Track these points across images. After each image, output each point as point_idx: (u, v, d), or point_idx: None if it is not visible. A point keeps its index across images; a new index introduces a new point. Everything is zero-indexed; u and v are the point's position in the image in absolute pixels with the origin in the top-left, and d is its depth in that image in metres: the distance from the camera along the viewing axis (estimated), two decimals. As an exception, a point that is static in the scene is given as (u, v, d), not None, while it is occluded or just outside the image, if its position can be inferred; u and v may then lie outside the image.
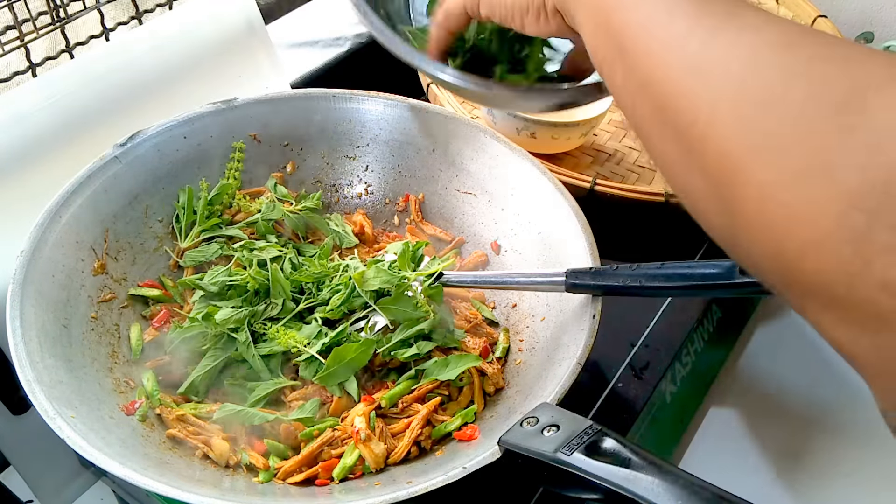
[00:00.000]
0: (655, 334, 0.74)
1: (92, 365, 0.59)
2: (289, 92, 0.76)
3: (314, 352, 0.60)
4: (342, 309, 0.63)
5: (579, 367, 0.54)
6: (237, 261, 0.67)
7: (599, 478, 0.42)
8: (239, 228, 0.71)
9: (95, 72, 0.71)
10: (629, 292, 0.57)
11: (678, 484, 0.40)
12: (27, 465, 0.67)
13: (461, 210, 0.75)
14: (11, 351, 0.53)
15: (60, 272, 0.61)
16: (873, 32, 1.04)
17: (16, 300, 0.55)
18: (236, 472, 0.57)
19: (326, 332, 0.62)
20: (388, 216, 0.78)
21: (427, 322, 0.62)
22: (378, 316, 0.63)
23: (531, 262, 0.69)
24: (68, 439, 0.48)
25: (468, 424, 0.59)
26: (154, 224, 0.70)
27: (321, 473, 0.56)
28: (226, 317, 0.61)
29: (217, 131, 0.72)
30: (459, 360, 0.61)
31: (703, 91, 0.33)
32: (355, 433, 0.56)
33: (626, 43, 0.38)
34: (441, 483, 0.47)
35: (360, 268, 0.65)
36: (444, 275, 0.65)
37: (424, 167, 0.76)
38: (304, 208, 0.74)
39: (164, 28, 0.77)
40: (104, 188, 0.66)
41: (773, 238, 0.30)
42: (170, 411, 0.59)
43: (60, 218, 0.62)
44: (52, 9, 0.72)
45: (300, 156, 0.77)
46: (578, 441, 0.44)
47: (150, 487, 0.47)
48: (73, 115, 0.69)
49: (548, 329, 0.64)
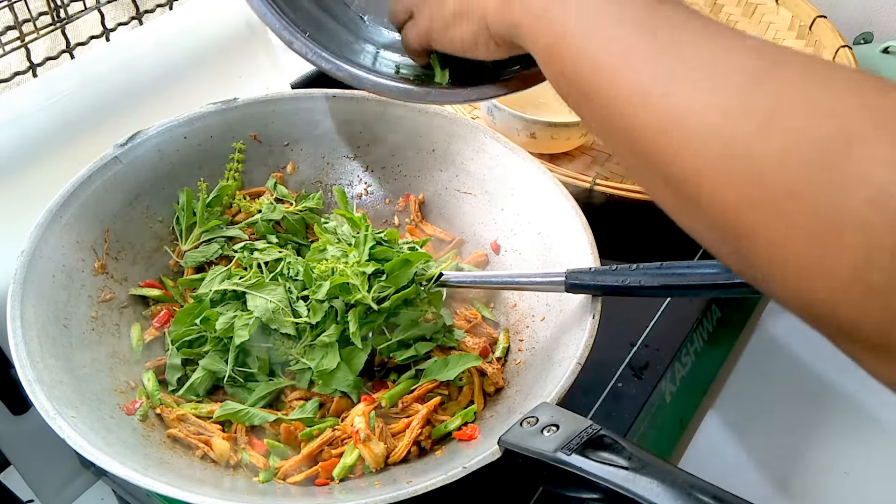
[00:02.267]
0: (655, 334, 0.74)
1: (92, 365, 0.59)
2: (289, 92, 0.76)
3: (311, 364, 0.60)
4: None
5: (579, 366, 0.54)
6: (237, 261, 0.67)
7: (599, 478, 0.42)
8: (239, 229, 0.71)
9: (96, 72, 0.71)
10: (629, 292, 0.57)
11: (678, 484, 0.40)
12: (27, 465, 0.67)
13: (461, 210, 0.75)
14: (12, 351, 0.53)
15: (61, 272, 0.61)
16: (873, 32, 1.04)
17: (16, 300, 0.55)
18: (237, 472, 0.57)
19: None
20: (388, 216, 0.78)
21: (429, 326, 0.62)
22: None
23: (531, 262, 0.69)
24: (69, 439, 0.48)
25: (468, 424, 0.59)
26: (154, 224, 0.70)
27: (321, 473, 0.56)
28: (225, 325, 0.61)
29: (217, 131, 0.73)
30: (459, 360, 0.61)
31: (683, 148, 0.31)
32: (355, 433, 0.56)
33: (586, 88, 0.36)
34: (441, 483, 0.47)
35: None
36: (443, 275, 0.65)
37: (424, 167, 0.76)
38: (304, 208, 0.74)
39: (164, 28, 0.77)
40: (104, 188, 0.66)
41: (798, 289, 0.29)
42: (170, 411, 0.59)
43: (61, 218, 0.62)
44: (52, 9, 0.72)
45: (300, 156, 0.77)
46: (578, 441, 0.44)
47: (150, 487, 0.47)
48: (73, 115, 0.69)
49: (548, 329, 0.64)
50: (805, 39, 0.99)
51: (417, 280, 0.62)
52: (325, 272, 0.60)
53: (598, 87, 0.35)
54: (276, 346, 0.61)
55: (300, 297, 0.62)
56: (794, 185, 0.28)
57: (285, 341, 0.61)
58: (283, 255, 0.67)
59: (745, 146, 0.29)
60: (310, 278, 0.62)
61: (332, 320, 0.61)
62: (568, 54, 0.37)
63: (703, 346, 0.77)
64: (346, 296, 0.60)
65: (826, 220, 0.27)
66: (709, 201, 0.31)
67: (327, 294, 0.60)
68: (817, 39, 0.99)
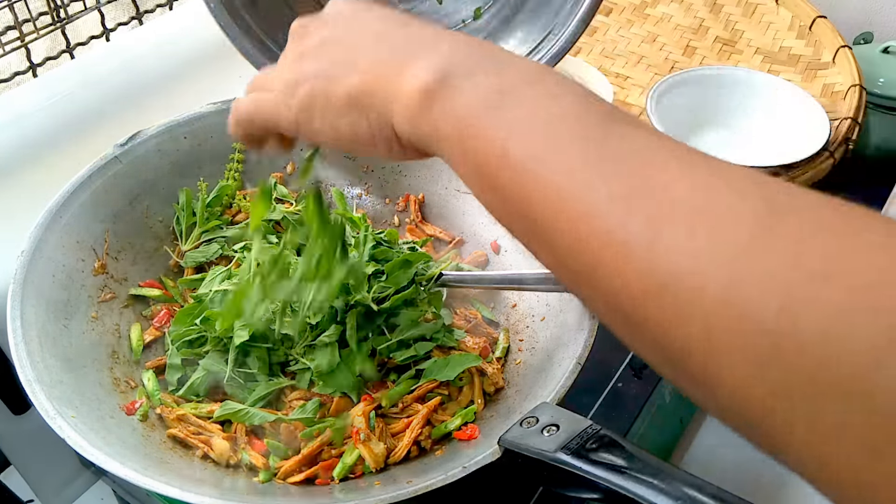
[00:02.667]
0: (655, 334, 0.74)
1: (92, 365, 0.59)
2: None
3: (312, 365, 0.60)
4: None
5: (579, 366, 0.54)
6: (237, 261, 0.67)
7: (599, 477, 0.42)
8: (239, 229, 0.71)
9: (95, 72, 0.71)
10: (629, 292, 0.57)
11: (678, 484, 0.40)
12: (27, 465, 0.67)
13: (461, 210, 0.75)
14: (12, 351, 0.53)
15: (61, 272, 0.61)
16: (873, 32, 1.04)
17: (16, 300, 0.56)
18: (237, 472, 0.57)
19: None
20: (388, 216, 0.78)
21: (429, 326, 0.62)
22: None
23: (531, 262, 0.69)
24: (69, 439, 0.48)
25: (468, 424, 0.59)
26: (154, 224, 0.70)
27: (321, 473, 0.56)
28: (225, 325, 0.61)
29: (217, 131, 0.72)
30: (459, 360, 0.61)
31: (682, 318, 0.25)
32: (355, 433, 0.56)
33: (536, 218, 0.29)
34: (441, 483, 0.47)
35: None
36: (443, 275, 0.65)
37: (424, 167, 0.76)
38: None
39: (164, 28, 0.77)
40: (104, 188, 0.66)
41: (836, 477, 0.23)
42: (170, 411, 0.59)
43: (60, 218, 0.62)
44: (52, 9, 0.72)
45: (300, 156, 0.77)
46: (578, 441, 0.44)
47: (150, 487, 0.47)
48: (73, 115, 0.69)
49: (548, 329, 0.64)
50: (805, 39, 0.99)
51: (417, 280, 0.62)
52: None
53: (556, 230, 0.28)
54: (276, 347, 0.61)
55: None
56: (854, 381, 0.21)
57: (285, 341, 0.61)
58: (283, 255, 0.67)
59: (765, 329, 0.23)
60: None
61: (332, 320, 0.61)
62: (512, 181, 0.30)
63: (703, 346, 0.77)
64: (346, 296, 0.60)
65: (881, 419, 0.21)
66: (725, 387, 0.25)
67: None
68: (817, 39, 0.99)
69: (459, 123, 0.32)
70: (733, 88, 0.91)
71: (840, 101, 0.90)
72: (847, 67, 0.93)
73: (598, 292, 0.28)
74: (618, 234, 0.26)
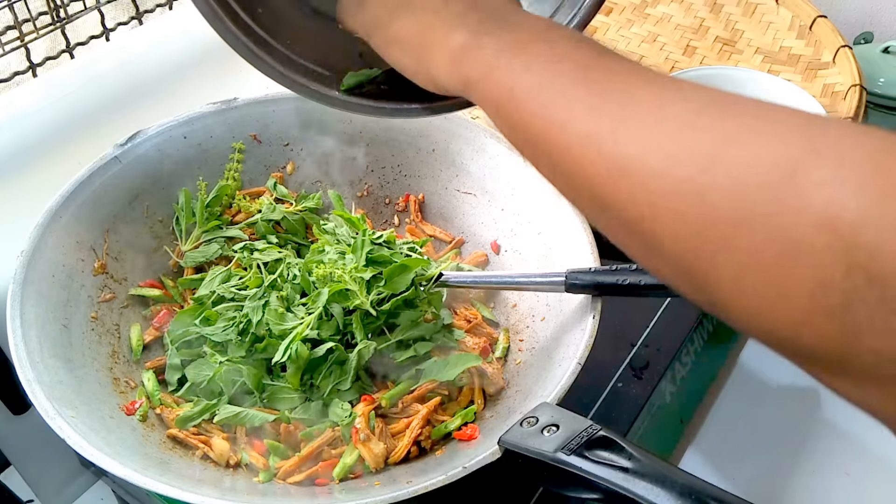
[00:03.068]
0: (655, 334, 0.74)
1: (92, 365, 0.59)
2: (289, 92, 0.76)
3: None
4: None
5: (579, 366, 0.54)
6: (237, 262, 0.67)
7: (599, 478, 0.42)
8: (239, 229, 0.71)
9: (95, 72, 0.71)
10: (629, 292, 0.57)
11: (678, 484, 0.40)
12: (27, 465, 0.67)
13: (461, 210, 0.75)
14: (11, 351, 0.53)
15: (61, 272, 0.61)
16: (873, 32, 1.04)
17: (16, 300, 0.56)
18: (236, 472, 0.57)
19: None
20: (388, 216, 0.78)
21: (429, 326, 0.62)
22: None
23: (531, 262, 0.69)
24: (68, 439, 0.48)
25: (468, 424, 0.59)
26: (154, 224, 0.70)
27: (321, 473, 0.56)
28: (224, 336, 0.61)
29: (217, 131, 0.72)
30: (459, 360, 0.61)
31: (635, 191, 0.32)
32: (355, 433, 0.56)
33: (537, 141, 0.37)
34: (441, 483, 0.47)
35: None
36: (443, 275, 0.65)
37: (424, 167, 0.76)
38: (303, 208, 0.74)
39: (164, 28, 0.77)
40: (104, 188, 0.66)
41: (760, 321, 0.30)
42: (170, 411, 0.59)
43: (60, 218, 0.62)
44: (52, 9, 0.72)
45: (300, 156, 0.77)
46: (578, 441, 0.44)
47: (150, 487, 0.47)
48: (73, 115, 0.69)
49: (548, 329, 0.64)
50: (805, 39, 0.99)
51: (417, 281, 0.62)
52: (323, 277, 0.60)
53: (548, 140, 0.36)
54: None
55: (301, 303, 0.62)
56: (743, 219, 0.28)
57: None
58: (283, 255, 0.67)
59: (693, 188, 0.30)
60: (307, 283, 0.62)
61: (335, 328, 0.61)
62: (516, 110, 0.38)
63: (703, 346, 0.77)
64: (345, 301, 0.60)
65: (778, 250, 0.27)
66: (667, 244, 0.32)
67: (326, 301, 0.60)
68: (817, 39, 0.98)
69: (481, 72, 0.40)
70: (733, 88, 0.91)
71: (840, 101, 0.90)
72: (847, 67, 0.93)
73: (579, 180, 0.35)
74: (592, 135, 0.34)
